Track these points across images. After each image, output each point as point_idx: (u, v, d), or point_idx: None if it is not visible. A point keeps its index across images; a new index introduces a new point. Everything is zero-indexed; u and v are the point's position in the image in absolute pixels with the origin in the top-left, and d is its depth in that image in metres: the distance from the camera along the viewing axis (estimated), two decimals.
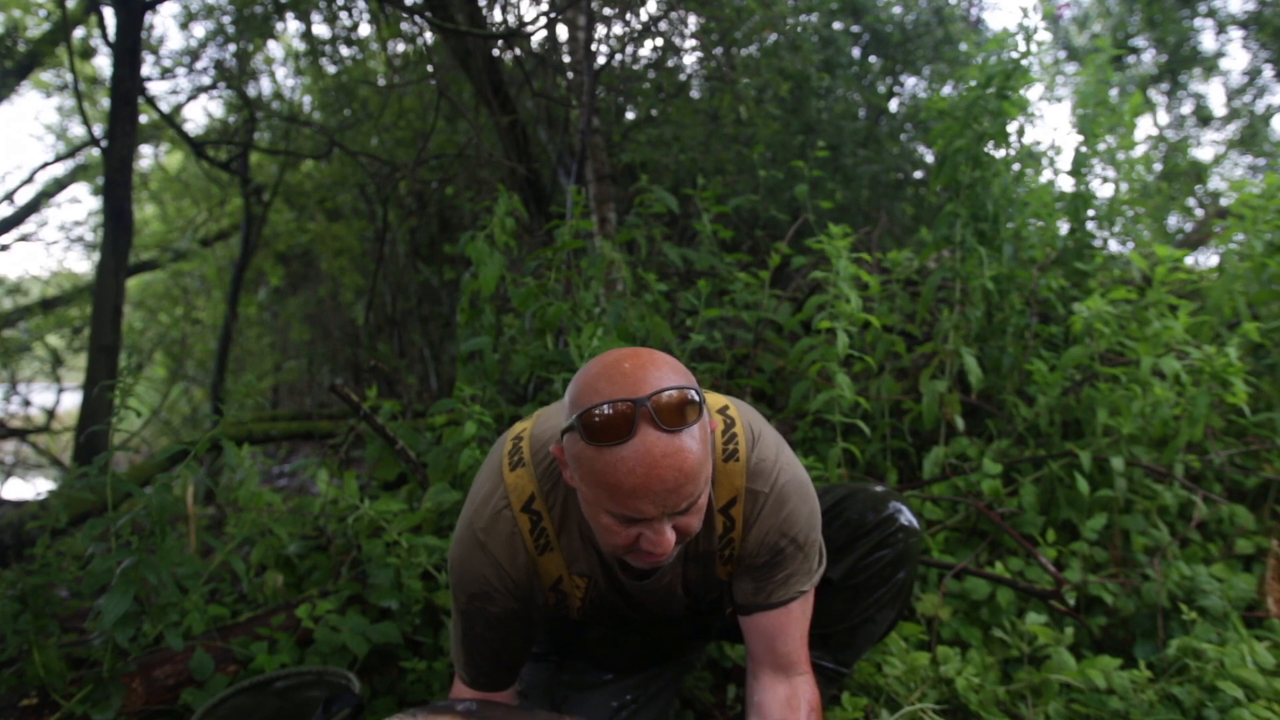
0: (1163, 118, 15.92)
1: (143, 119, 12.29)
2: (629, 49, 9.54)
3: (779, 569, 2.47)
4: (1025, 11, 5.04)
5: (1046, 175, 6.22)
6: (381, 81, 11.93)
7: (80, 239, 17.77)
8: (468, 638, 2.50)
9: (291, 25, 13.29)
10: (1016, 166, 5.48)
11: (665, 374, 2.06)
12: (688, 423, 2.01)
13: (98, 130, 10.49)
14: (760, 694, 2.54)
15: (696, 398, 2.04)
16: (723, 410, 2.46)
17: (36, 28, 13.29)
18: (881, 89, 11.62)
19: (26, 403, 16.62)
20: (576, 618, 2.61)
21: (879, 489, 2.81)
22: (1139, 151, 6.08)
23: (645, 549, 2.10)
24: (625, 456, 1.97)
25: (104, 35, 8.94)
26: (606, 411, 1.98)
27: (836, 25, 11.08)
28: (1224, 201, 9.36)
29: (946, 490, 4.53)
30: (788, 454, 2.49)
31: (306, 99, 14.61)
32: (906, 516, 2.73)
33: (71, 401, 16.16)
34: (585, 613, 2.60)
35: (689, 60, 10.28)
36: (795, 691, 2.52)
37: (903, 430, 4.94)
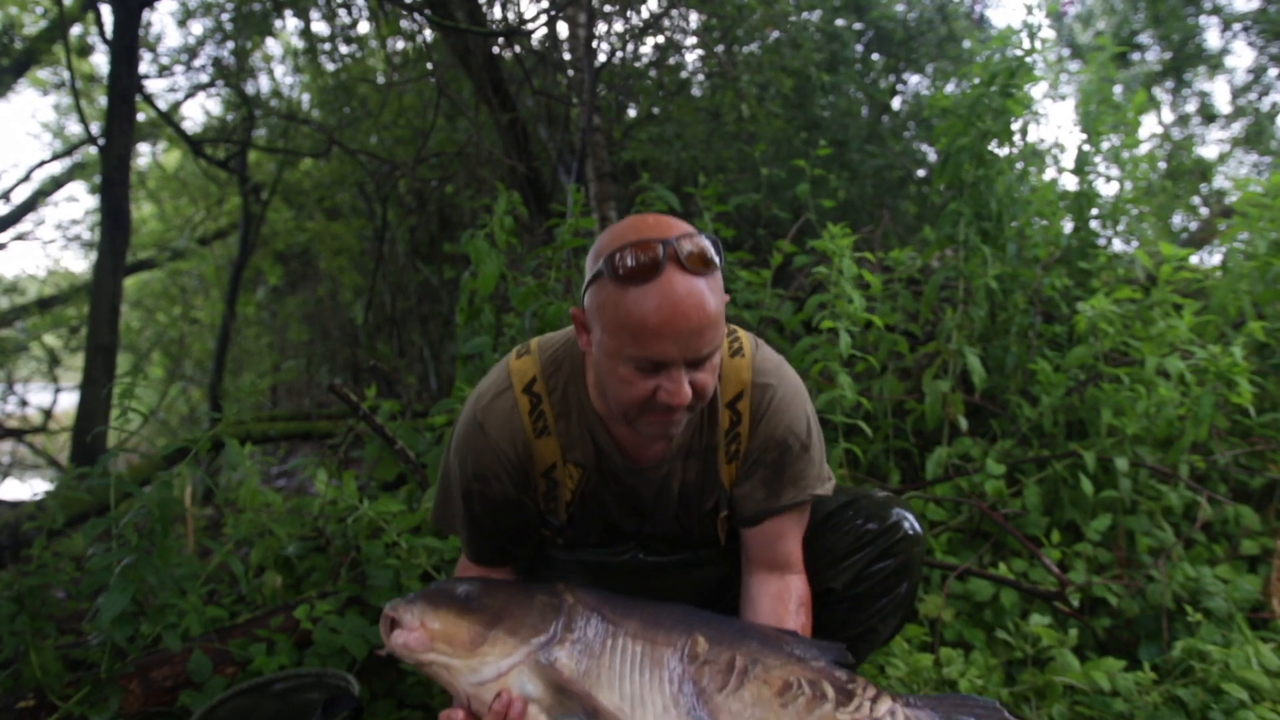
0: (1167, 115, 15.91)
1: (140, 117, 12.34)
2: (630, 46, 9.56)
3: (788, 469, 2.53)
4: (1029, 9, 5.05)
5: (1050, 173, 6.23)
6: (381, 79, 11.95)
7: (77, 238, 17.81)
8: (469, 518, 2.59)
9: (290, 22, 13.34)
10: (1020, 165, 5.48)
11: (686, 227, 2.19)
12: (709, 269, 2.14)
13: (95, 128, 10.48)
14: (752, 589, 2.62)
15: (715, 250, 2.18)
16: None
17: (33, 25, 13.33)
18: (884, 87, 11.62)
19: (23, 403, 16.65)
20: (564, 519, 2.62)
21: (881, 495, 2.79)
22: (1143, 150, 6.07)
23: (662, 401, 2.17)
24: (650, 294, 2.08)
25: (101, 32, 8.96)
26: (634, 251, 2.11)
27: (839, 22, 11.08)
28: (1229, 200, 9.35)
29: (949, 491, 4.53)
30: (789, 366, 2.61)
31: (305, 97, 14.64)
32: (910, 524, 2.71)
33: (69, 401, 16.18)
34: (574, 514, 2.61)
35: (690, 57, 10.32)
36: (787, 586, 2.59)
37: (905, 430, 4.94)
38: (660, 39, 9.88)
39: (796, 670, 2.21)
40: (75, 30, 13.00)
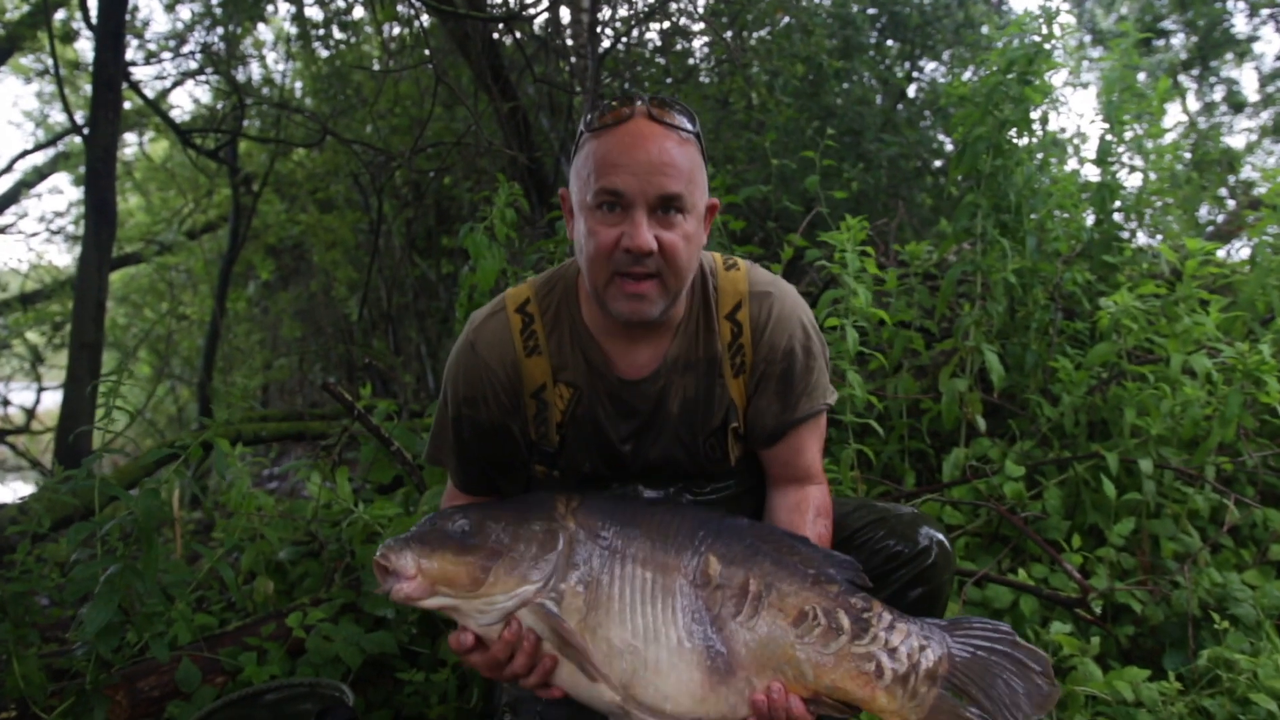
0: (1193, 104, 15.91)
1: (126, 105, 12.30)
2: (635, 32, 9.55)
3: (799, 379, 2.62)
4: None
5: (1071, 164, 6.23)
6: (376, 66, 11.94)
7: (61, 231, 17.87)
8: (458, 445, 2.69)
9: (282, 7, 13.35)
10: (1040, 155, 5.47)
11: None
12: (679, 126, 2.37)
13: (79, 117, 10.47)
14: (772, 501, 2.73)
15: (692, 121, 2.42)
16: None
17: (15, 9, 13.34)
18: (899, 74, 11.60)
19: (5, 402, 16.69)
20: (555, 442, 2.65)
21: (906, 512, 2.78)
22: (1168, 139, 6.05)
23: (624, 246, 2.29)
24: (616, 133, 2.33)
25: (86, 18, 8.98)
26: (607, 106, 2.39)
27: (853, 7, 11.06)
28: (1257, 191, 9.34)
29: (967, 494, 4.52)
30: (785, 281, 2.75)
31: (298, 84, 14.64)
32: (940, 547, 2.70)
33: (52, 401, 16.20)
34: (566, 437, 2.65)
35: (698, 43, 10.30)
36: (805, 495, 2.68)
37: (921, 431, 4.94)
38: (666, 24, 9.89)
39: (812, 598, 2.21)
40: (59, 15, 13.02)
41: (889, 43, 11.64)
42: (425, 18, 9.49)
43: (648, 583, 2.24)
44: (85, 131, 8.41)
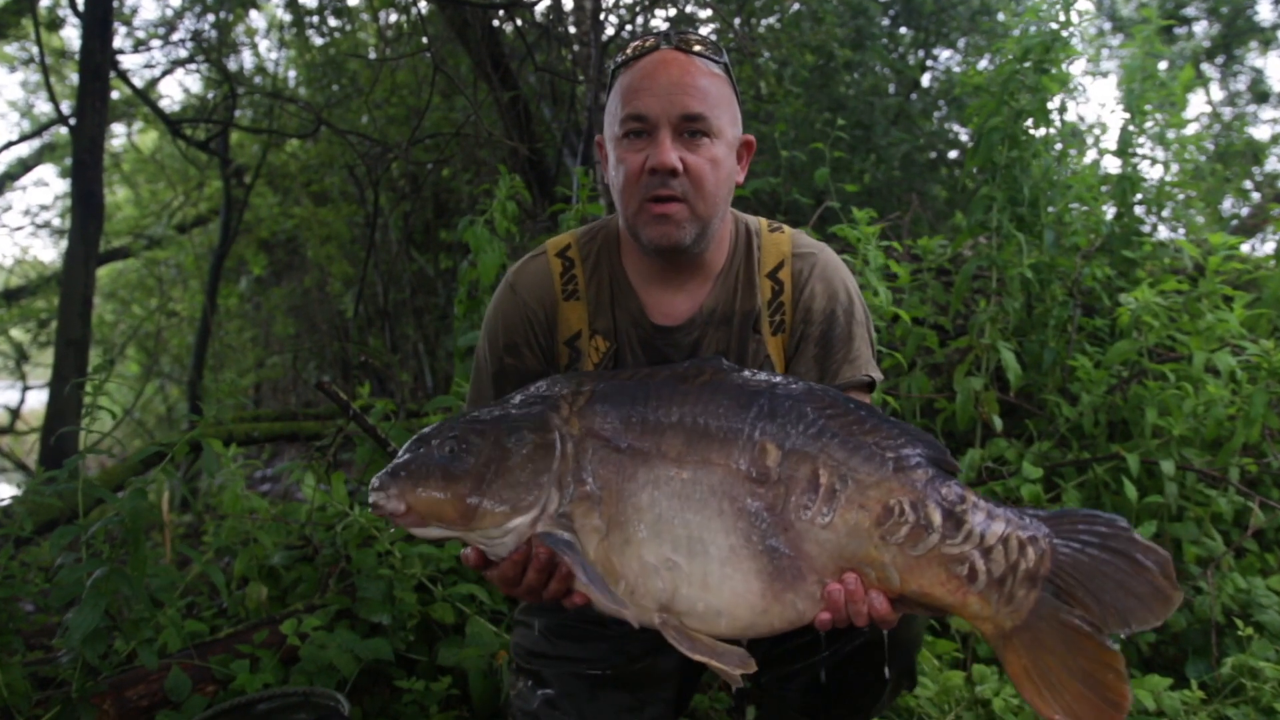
0: (1216, 93, 15.89)
1: (114, 95, 12.31)
2: (640, 19, 9.54)
3: (838, 344, 2.61)
4: None
5: (1090, 156, 6.22)
6: (372, 55, 11.93)
7: (47, 224, 17.87)
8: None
9: None
10: (1058, 146, 5.47)
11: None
12: (707, 54, 2.48)
13: (66, 107, 10.49)
14: None
15: (719, 54, 2.53)
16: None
17: None
18: (913, 63, 11.60)
19: None
20: None
21: None
22: (1190, 130, 6.05)
23: (649, 166, 2.37)
24: (644, 62, 2.45)
25: (72, 4, 8.99)
26: (639, 40, 2.51)
27: None
28: None
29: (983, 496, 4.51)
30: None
31: (291, 73, 14.64)
32: None
33: (37, 400, 16.21)
34: None
35: (705, 31, 10.28)
36: None
37: (935, 431, 4.93)
38: (672, 11, 9.87)
39: (897, 489, 1.99)
40: (45, 1, 13.02)
41: (902, 30, 11.64)
42: (423, 4, 9.50)
43: (686, 484, 2.02)
44: (71, 122, 8.42)
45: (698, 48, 2.47)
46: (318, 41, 12.98)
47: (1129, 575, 1.93)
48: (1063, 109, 5.36)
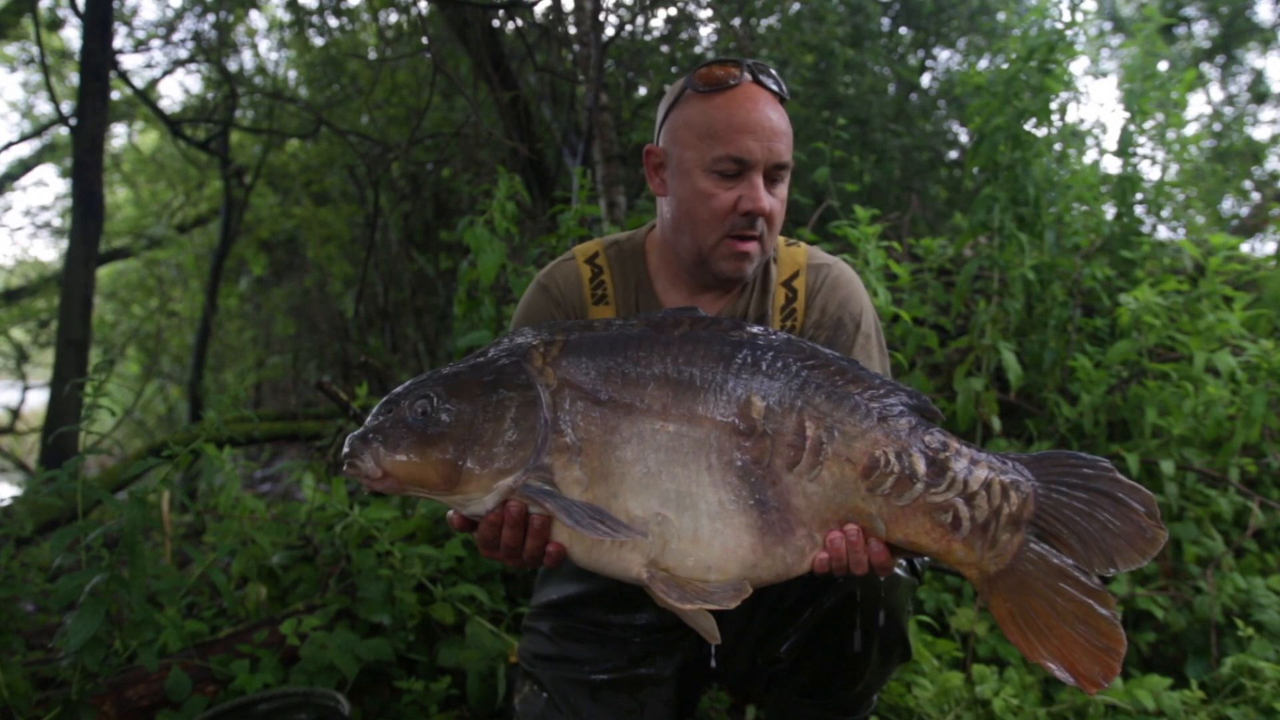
0: (1216, 94, 15.88)
1: (115, 95, 12.32)
2: (640, 19, 9.53)
3: (843, 351, 2.58)
4: None
5: (1091, 156, 6.21)
6: (372, 55, 11.93)
7: (47, 225, 17.85)
8: None
9: None
10: (1059, 146, 5.47)
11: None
12: (780, 98, 2.56)
13: (66, 107, 10.50)
14: None
15: (782, 86, 2.58)
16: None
17: None
18: (913, 63, 11.59)
19: None
20: None
21: None
22: (1191, 130, 6.06)
23: (744, 209, 2.45)
24: (735, 96, 2.48)
25: (73, 4, 8.98)
26: (718, 67, 2.52)
27: None
28: None
29: None
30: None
31: (292, 74, 14.63)
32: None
33: (38, 400, 16.20)
34: None
35: (705, 31, 10.27)
36: None
37: None
38: (672, 11, 9.87)
39: (881, 440, 1.99)
40: (45, 1, 13.02)
41: (902, 30, 11.63)
42: (423, 4, 9.49)
43: (672, 438, 2.00)
44: (72, 122, 8.42)
45: (773, 86, 2.54)
46: (318, 41, 12.98)
47: (1113, 515, 1.96)
48: (1064, 109, 5.37)
